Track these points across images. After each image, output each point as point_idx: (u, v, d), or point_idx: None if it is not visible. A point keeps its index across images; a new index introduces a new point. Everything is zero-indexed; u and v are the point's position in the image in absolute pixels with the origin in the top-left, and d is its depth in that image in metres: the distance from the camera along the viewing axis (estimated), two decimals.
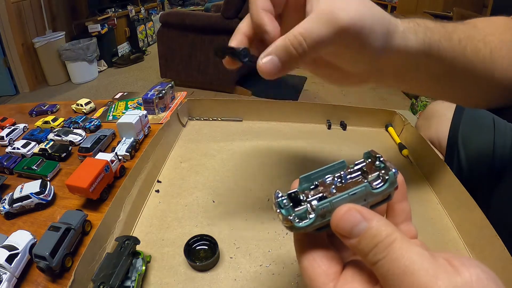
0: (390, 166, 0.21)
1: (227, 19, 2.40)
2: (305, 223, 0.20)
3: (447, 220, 0.46)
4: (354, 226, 0.19)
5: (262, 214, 0.47)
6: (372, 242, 0.18)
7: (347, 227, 0.19)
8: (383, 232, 0.18)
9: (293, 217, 0.21)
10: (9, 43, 2.75)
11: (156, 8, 4.67)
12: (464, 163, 0.59)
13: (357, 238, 0.19)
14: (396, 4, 3.56)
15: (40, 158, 0.61)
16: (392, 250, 0.17)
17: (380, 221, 0.19)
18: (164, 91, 0.81)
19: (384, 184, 0.21)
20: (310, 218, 0.20)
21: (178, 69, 2.77)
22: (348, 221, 0.19)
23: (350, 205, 0.19)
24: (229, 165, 0.58)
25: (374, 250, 0.18)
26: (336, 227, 0.19)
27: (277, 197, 0.22)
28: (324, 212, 0.20)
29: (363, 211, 0.19)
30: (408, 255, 0.17)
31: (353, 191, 0.21)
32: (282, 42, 0.26)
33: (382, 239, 0.18)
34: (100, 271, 0.35)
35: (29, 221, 0.50)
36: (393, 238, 0.18)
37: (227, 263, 0.40)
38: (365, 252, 0.18)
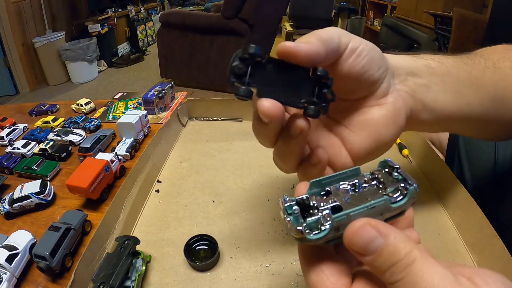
0: (409, 179, 0.20)
1: (227, 19, 2.40)
2: (318, 235, 0.18)
3: (447, 220, 0.46)
4: (369, 242, 0.17)
5: (262, 214, 0.47)
6: (390, 261, 0.16)
7: (361, 244, 0.17)
8: (402, 250, 0.16)
9: (303, 228, 0.19)
10: (9, 43, 2.75)
11: (156, 8, 4.67)
12: (465, 163, 0.59)
13: (372, 255, 0.17)
14: (396, 4, 3.56)
15: (40, 158, 0.61)
16: (412, 271, 0.16)
17: (398, 237, 0.17)
18: (164, 91, 0.81)
19: (403, 198, 0.20)
20: (323, 230, 0.18)
21: (178, 69, 2.77)
22: (362, 237, 0.17)
23: (365, 220, 0.18)
24: (229, 165, 0.58)
25: (392, 269, 0.16)
26: (349, 243, 0.18)
27: (285, 202, 0.20)
28: (339, 225, 0.18)
29: (379, 226, 0.17)
30: (429, 277, 0.16)
31: (372, 204, 0.19)
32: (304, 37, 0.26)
33: (401, 258, 0.16)
34: (100, 271, 0.35)
35: (29, 221, 0.50)
36: (412, 258, 0.16)
37: (227, 263, 0.40)
38: (381, 270, 0.17)
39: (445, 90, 0.32)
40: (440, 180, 0.50)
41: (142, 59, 3.73)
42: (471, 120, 0.35)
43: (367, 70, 0.27)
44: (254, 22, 2.40)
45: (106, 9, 3.52)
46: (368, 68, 0.27)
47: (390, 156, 0.28)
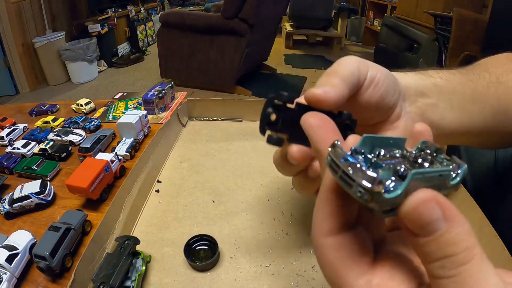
0: (457, 160, 0.17)
1: (227, 19, 2.40)
2: (395, 193, 0.14)
3: None
4: (428, 222, 0.14)
5: (262, 214, 0.47)
6: (445, 251, 0.14)
7: (420, 221, 0.14)
8: (463, 242, 0.14)
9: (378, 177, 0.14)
10: (9, 43, 2.75)
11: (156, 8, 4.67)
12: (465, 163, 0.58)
13: (427, 238, 0.14)
14: (396, 4, 3.56)
15: (40, 158, 0.61)
16: (466, 272, 0.14)
17: (463, 226, 0.14)
18: (164, 91, 0.81)
19: (456, 177, 0.17)
20: (399, 187, 0.14)
21: (178, 69, 2.77)
22: (424, 214, 0.14)
23: (432, 193, 0.14)
24: (229, 165, 0.58)
25: (443, 261, 0.14)
26: (405, 216, 0.15)
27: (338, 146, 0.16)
28: (410, 188, 0.15)
29: (446, 206, 0.14)
30: (484, 283, 0.13)
31: (441, 171, 0.16)
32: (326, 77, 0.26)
33: (459, 252, 0.14)
34: (100, 271, 0.35)
35: (29, 221, 0.50)
36: (472, 255, 0.14)
37: (227, 263, 0.40)
38: (430, 258, 0.14)
39: (452, 108, 0.33)
40: None
41: (142, 59, 3.73)
42: (473, 133, 0.36)
43: (384, 97, 0.28)
44: (254, 22, 2.40)
45: (106, 9, 3.52)
46: (385, 96, 0.28)
47: None
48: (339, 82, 0.25)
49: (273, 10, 2.73)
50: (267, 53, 3.30)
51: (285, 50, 4.12)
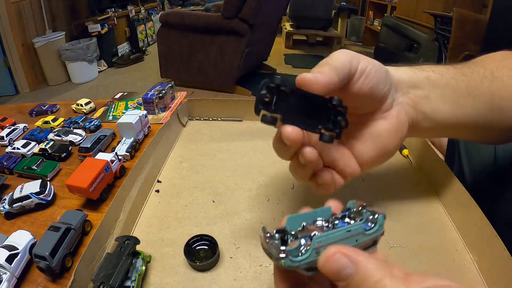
0: (377, 211, 0.22)
1: (227, 19, 2.40)
2: (302, 257, 0.19)
3: (447, 220, 0.46)
4: (341, 270, 0.18)
5: (262, 214, 0.47)
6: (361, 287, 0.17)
7: (333, 270, 0.18)
8: (372, 278, 0.17)
9: (287, 249, 0.20)
10: (9, 43, 2.75)
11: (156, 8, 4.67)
12: (465, 163, 0.59)
13: (344, 282, 0.18)
14: (396, 4, 3.56)
15: (40, 158, 0.61)
16: None
17: (368, 265, 0.18)
18: (164, 91, 0.81)
19: (374, 225, 0.21)
20: (305, 252, 0.19)
21: (178, 69, 2.77)
22: (334, 264, 0.18)
23: (337, 247, 0.19)
24: (229, 165, 0.58)
25: None
26: (322, 269, 0.19)
27: (265, 231, 0.22)
28: (319, 248, 0.19)
29: (350, 253, 0.18)
30: None
31: (348, 228, 0.20)
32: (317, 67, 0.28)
33: (371, 285, 0.17)
34: (100, 271, 0.35)
35: (29, 221, 0.50)
36: (382, 285, 0.17)
37: (227, 263, 0.40)
38: None
39: (444, 101, 0.34)
40: (440, 180, 0.50)
41: (142, 59, 3.73)
42: (469, 127, 0.36)
43: (375, 89, 0.30)
44: (254, 22, 2.40)
45: (106, 9, 3.52)
46: (376, 87, 0.30)
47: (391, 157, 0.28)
48: (329, 70, 0.27)
49: (273, 10, 2.73)
50: (267, 53, 3.30)
51: (285, 50, 4.12)
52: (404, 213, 0.47)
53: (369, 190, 0.51)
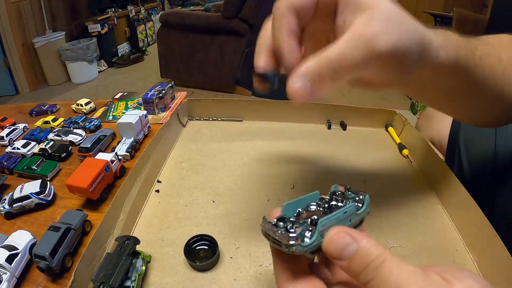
0: (361, 192, 0.24)
1: (227, 19, 2.40)
2: (311, 241, 0.20)
3: (447, 220, 0.46)
4: (344, 247, 0.19)
5: (262, 214, 0.47)
6: (363, 263, 0.18)
7: (337, 249, 0.19)
8: (373, 252, 0.18)
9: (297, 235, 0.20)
10: (9, 43, 2.75)
11: (156, 8, 4.67)
12: (465, 163, 0.59)
13: (347, 259, 0.19)
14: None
15: (40, 158, 0.61)
16: (383, 269, 0.18)
17: (369, 242, 0.19)
18: (164, 91, 0.81)
19: (363, 205, 0.23)
20: (312, 236, 0.20)
21: (178, 69, 2.77)
22: (338, 243, 0.19)
23: (340, 227, 0.20)
24: (229, 165, 0.58)
25: (365, 270, 0.18)
26: (327, 249, 0.20)
27: (265, 221, 0.22)
28: (323, 230, 0.20)
29: (352, 233, 0.20)
30: (399, 272, 0.17)
31: (344, 209, 0.22)
32: (315, 66, 0.23)
33: (373, 259, 0.18)
34: (100, 271, 0.35)
35: (29, 221, 0.50)
36: (383, 258, 0.18)
37: (227, 263, 0.40)
38: (356, 272, 0.19)
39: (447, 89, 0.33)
40: (440, 180, 0.50)
41: (142, 59, 3.73)
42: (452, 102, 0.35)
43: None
44: (254, 22, 2.40)
45: (106, 9, 3.52)
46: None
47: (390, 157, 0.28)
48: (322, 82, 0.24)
49: None
50: None
51: None
52: (404, 213, 0.47)
53: (370, 190, 0.51)
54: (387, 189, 0.52)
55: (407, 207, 0.48)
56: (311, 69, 0.23)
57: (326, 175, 0.54)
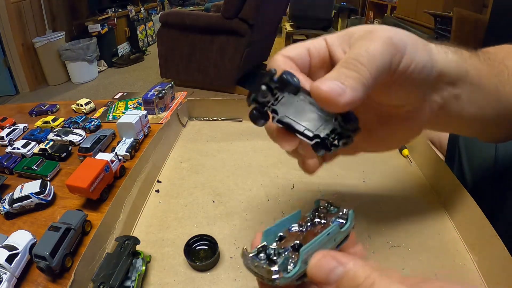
0: (344, 207, 0.23)
1: (227, 19, 2.40)
2: (294, 270, 0.19)
3: (447, 220, 0.46)
4: (330, 272, 0.18)
5: (262, 214, 0.47)
6: (352, 286, 0.18)
7: (323, 274, 0.19)
8: (361, 275, 0.18)
9: (278, 267, 0.20)
10: (9, 43, 2.75)
11: (156, 8, 4.67)
12: (465, 163, 0.59)
13: (334, 283, 0.18)
14: (396, 4, 3.56)
15: (40, 158, 0.61)
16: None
17: (356, 263, 0.18)
18: (164, 91, 0.81)
19: (347, 222, 0.22)
20: (296, 266, 0.19)
21: (178, 69, 2.77)
22: (323, 268, 0.19)
23: (323, 252, 0.19)
24: (229, 165, 0.58)
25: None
26: (312, 275, 0.19)
27: (246, 254, 0.21)
28: (307, 257, 0.20)
29: (337, 256, 0.19)
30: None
31: (327, 231, 0.21)
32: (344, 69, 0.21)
33: (362, 282, 0.17)
34: (100, 271, 0.35)
35: (29, 221, 0.50)
36: (372, 280, 0.17)
37: (227, 263, 0.40)
38: None
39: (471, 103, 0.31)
40: (440, 180, 0.50)
41: (142, 59, 3.73)
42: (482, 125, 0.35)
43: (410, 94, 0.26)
44: (254, 22, 2.40)
45: (106, 9, 3.52)
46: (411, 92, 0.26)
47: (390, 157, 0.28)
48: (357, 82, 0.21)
49: (273, 10, 2.73)
50: (267, 53, 3.30)
51: None
52: (404, 213, 0.47)
53: (369, 190, 0.51)
54: (387, 189, 0.52)
55: (407, 207, 0.48)
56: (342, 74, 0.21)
57: (326, 175, 0.54)
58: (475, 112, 0.32)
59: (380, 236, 0.42)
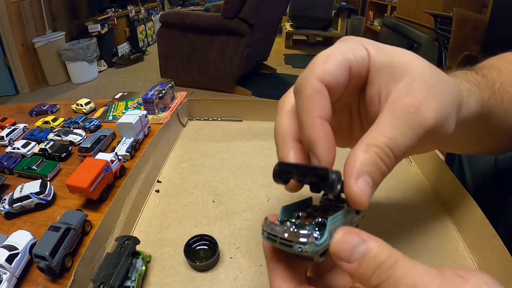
0: None
1: (227, 19, 2.40)
2: (323, 239, 0.18)
3: (447, 220, 0.46)
4: (354, 249, 0.18)
5: (262, 214, 0.47)
6: (374, 263, 0.17)
7: (347, 251, 0.18)
8: (384, 252, 0.17)
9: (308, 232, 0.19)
10: (9, 43, 2.75)
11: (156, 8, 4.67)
12: (465, 162, 0.59)
13: (357, 261, 0.18)
14: (396, 4, 3.56)
15: (40, 158, 0.61)
16: (397, 268, 0.17)
17: (379, 242, 0.18)
18: (164, 91, 0.81)
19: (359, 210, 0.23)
20: (323, 235, 0.19)
21: (178, 69, 2.77)
22: (348, 244, 0.18)
23: (347, 228, 0.19)
24: (229, 165, 0.58)
25: (377, 271, 0.17)
26: (335, 250, 0.18)
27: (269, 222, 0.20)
28: (332, 230, 0.19)
29: (360, 233, 0.18)
30: (415, 272, 0.16)
31: (346, 209, 0.21)
32: (370, 158, 0.20)
33: (385, 259, 0.17)
34: (100, 271, 0.35)
35: (29, 221, 0.50)
36: (395, 258, 0.17)
37: (227, 263, 0.40)
38: (366, 275, 0.17)
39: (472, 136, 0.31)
40: (440, 181, 0.50)
41: (142, 59, 3.73)
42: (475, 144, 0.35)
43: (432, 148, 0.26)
44: (254, 22, 2.40)
45: (106, 9, 3.53)
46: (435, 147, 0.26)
47: None
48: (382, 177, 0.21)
49: (273, 10, 2.73)
50: (267, 53, 3.30)
51: (285, 50, 4.12)
52: (404, 213, 0.47)
53: None
54: (387, 189, 0.52)
55: (407, 207, 0.48)
56: (368, 164, 0.20)
57: None
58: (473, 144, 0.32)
59: (379, 236, 0.42)
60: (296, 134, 0.24)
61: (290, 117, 0.24)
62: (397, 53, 0.23)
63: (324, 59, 0.21)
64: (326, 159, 0.21)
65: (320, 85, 0.21)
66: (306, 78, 0.21)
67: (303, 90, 0.21)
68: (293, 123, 0.24)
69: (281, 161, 0.24)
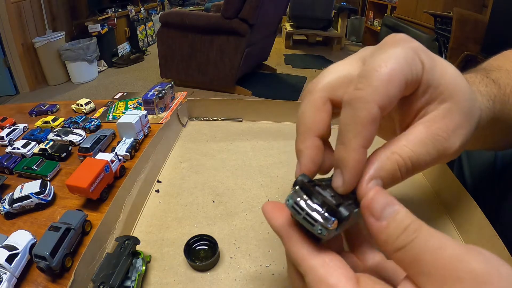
0: None
1: (227, 19, 2.40)
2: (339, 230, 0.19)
3: (447, 220, 0.46)
4: (385, 207, 0.19)
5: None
6: (402, 225, 0.18)
7: (379, 207, 0.19)
8: (411, 216, 0.18)
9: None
10: (9, 43, 2.76)
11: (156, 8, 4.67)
12: (465, 163, 0.59)
13: (386, 221, 0.18)
14: (396, 4, 3.56)
15: (40, 158, 0.61)
16: (422, 233, 0.17)
17: (404, 208, 0.19)
18: (164, 91, 0.81)
19: None
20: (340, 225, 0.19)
21: (178, 69, 2.77)
22: (380, 201, 0.19)
23: (378, 188, 0.20)
24: (229, 165, 0.58)
25: (404, 232, 0.18)
26: (368, 206, 0.19)
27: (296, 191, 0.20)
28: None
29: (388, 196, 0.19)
30: (439, 235, 0.17)
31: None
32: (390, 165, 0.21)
33: (410, 222, 0.18)
34: (100, 271, 0.35)
35: (29, 221, 0.50)
36: (419, 224, 0.18)
37: (227, 263, 0.40)
38: (394, 235, 0.18)
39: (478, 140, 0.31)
40: (439, 180, 0.50)
41: (142, 59, 3.73)
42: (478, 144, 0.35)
43: None
44: (254, 22, 2.41)
45: (106, 9, 3.53)
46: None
47: None
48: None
49: (273, 10, 2.73)
50: (267, 53, 3.31)
51: (285, 50, 4.12)
52: None
53: None
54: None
55: (406, 207, 0.48)
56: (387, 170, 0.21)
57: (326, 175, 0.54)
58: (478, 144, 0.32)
59: None
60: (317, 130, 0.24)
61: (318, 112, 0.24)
62: (446, 71, 0.22)
63: (387, 79, 0.20)
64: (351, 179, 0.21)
65: (377, 112, 0.20)
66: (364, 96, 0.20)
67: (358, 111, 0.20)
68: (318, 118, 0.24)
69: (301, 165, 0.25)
